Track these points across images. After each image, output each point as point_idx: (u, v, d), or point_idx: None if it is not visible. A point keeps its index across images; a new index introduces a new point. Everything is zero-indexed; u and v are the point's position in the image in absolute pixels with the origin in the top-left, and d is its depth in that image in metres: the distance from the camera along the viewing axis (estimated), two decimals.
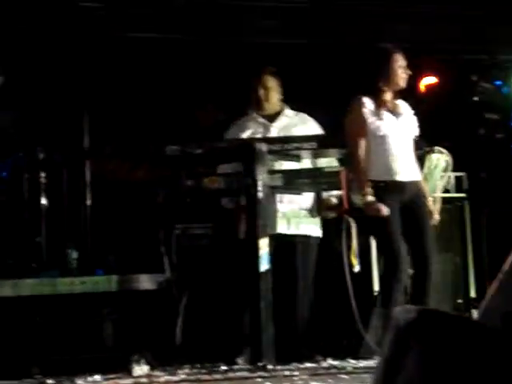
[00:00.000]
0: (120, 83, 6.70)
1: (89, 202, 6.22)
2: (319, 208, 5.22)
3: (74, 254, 6.08)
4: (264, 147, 4.85)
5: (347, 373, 4.56)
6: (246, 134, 5.27)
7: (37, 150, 6.11)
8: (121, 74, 6.69)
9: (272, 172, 4.94)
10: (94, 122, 6.34)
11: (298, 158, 4.98)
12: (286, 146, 4.98)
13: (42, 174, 6.14)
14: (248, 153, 4.85)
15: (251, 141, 5.03)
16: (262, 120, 5.32)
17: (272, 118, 5.34)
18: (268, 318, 4.77)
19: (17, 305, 5.61)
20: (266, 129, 5.30)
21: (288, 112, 5.38)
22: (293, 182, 5.03)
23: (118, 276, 5.89)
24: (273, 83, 5.32)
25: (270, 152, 4.91)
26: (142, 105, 6.85)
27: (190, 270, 5.74)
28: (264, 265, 4.77)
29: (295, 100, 5.44)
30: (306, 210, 5.28)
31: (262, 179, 4.81)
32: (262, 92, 5.28)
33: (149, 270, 5.87)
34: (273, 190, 4.94)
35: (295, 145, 4.99)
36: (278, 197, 5.08)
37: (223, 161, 5.17)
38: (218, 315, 5.42)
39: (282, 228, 5.09)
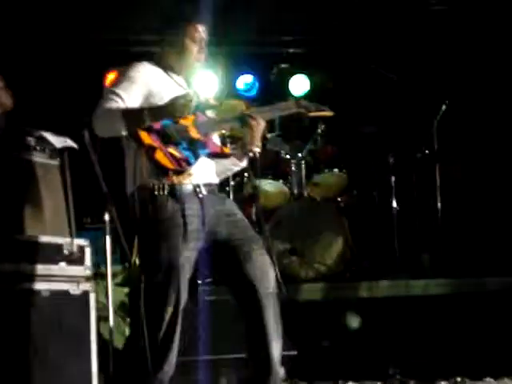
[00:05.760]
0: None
1: (439, 205, 6.20)
2: None
3: (427, 257, 6.12)
4: None
5: None
6: None
7: (387, 155, 6.24)
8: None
9: None
10: (442, 125, 6.32)
11: None
12: None
13: (392, 178, 6.25)
14: None
15: None
16: None
17: None
18: None
19: (373, 306, 5.73)
20: None
21: None
22: None
23: (471, 278, 5.84)
24: None
25: None
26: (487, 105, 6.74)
27: None
28: None
29: None
30: None
31: None
32: None
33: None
34: None
35: None
36: None
37: None
38: None
39: None
